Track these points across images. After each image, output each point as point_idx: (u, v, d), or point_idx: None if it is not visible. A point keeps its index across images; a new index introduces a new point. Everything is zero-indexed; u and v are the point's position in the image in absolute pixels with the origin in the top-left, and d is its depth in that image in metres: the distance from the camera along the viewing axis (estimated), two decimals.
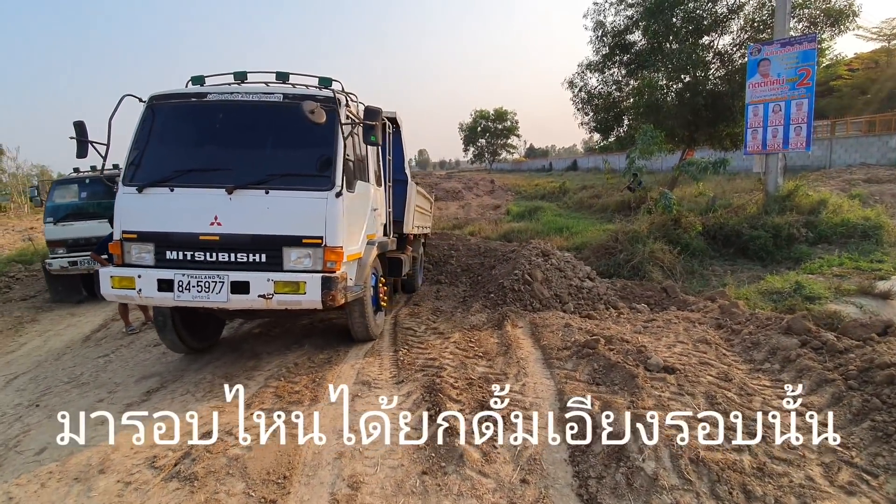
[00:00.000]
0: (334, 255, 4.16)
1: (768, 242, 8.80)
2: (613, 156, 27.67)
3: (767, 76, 9.32)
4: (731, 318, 5.10)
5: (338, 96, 4.39)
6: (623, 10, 15.64)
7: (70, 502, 2.65)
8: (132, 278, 4.01)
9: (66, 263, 8.74)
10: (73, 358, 5.70)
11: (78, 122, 4.29)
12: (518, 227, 15.09)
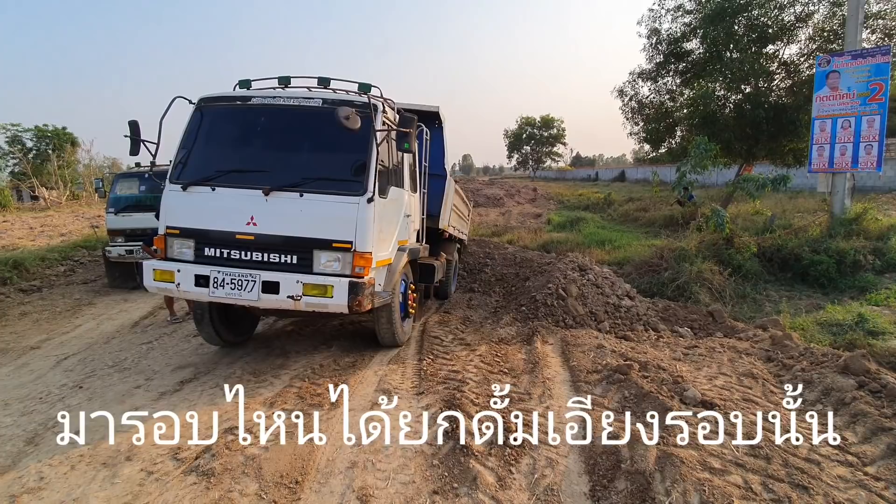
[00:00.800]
0: (363, 261, 4.17)
1: (831, 268, 8.14)
2: (664, 167, 26.64)
3: (836, 89, 8.65)
4: (783, 351, 4.71)
5: (373, 102, 4.41)
6: (680, 18, 15.03)
7: (95, 487, 2.75)
8: (172, 272, 4.18)
9: (124, 252, 9.30)
10: (120, 343, 6.02)
11: (132, 121, 4.53)
12: (558, 237, 14.76)
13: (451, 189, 7.01)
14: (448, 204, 6.95)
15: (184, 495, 2.62)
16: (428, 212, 6.35)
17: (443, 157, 6.81)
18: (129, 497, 2.64)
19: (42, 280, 10.46)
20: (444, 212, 6.81)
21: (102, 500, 2.63)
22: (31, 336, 6.54)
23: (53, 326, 7.08)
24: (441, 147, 6.74)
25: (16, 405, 4.13)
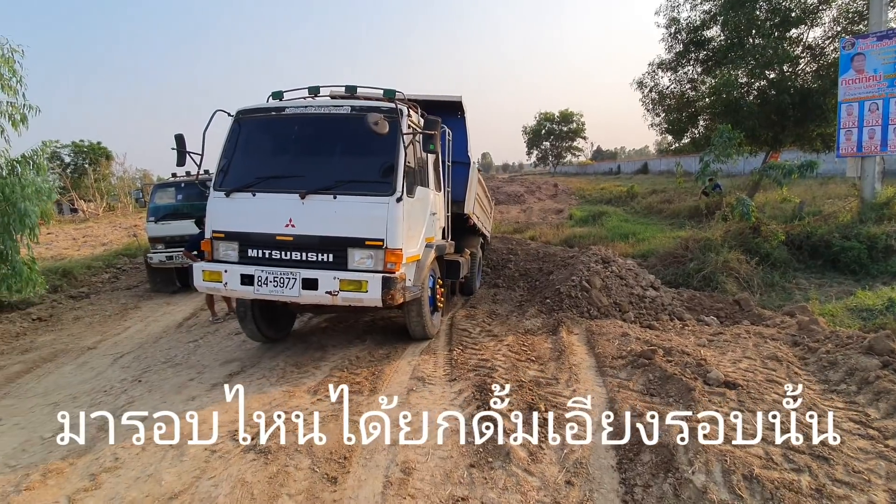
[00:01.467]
0: (394, 257, 4.42)
1: (862, 254, 8.01)
2: (688, 158, 26.16)
3: (862, 72, 8.49)
4: (809, 336, 4.75)
5: (400, 108, 4.66)
6: (699, 5, 14.83)
7: (166, 465, 3.07)
8: (219, 272, 4.52)
9: (164, 258, 9.82)
10: (169, 341, 6.45)
11: (178, 134, 4.90)
12: (581, 231, 14.76)
13: (475, 176, 7.23)
14: (472, 190, 7.18)
15: (245, 469, 2.91)
16: (453, 198, 6.58)
17: (466, 145, 7.05)
18: (197, 472, 2.95)
19: (89, 287, 11.12)
20: (468, 197, 7.06)
21: (174, 475, 2.94)
22: (87, 337, 7.04)
23: (105, 328, 7.59)
24: (464, 135, 6.98)
25: (84, 398, 4.54)
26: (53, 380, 5.21)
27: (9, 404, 4.50)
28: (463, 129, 6.94)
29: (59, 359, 6.01)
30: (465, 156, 7.00)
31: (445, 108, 6.69)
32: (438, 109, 6.73)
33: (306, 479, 2.81)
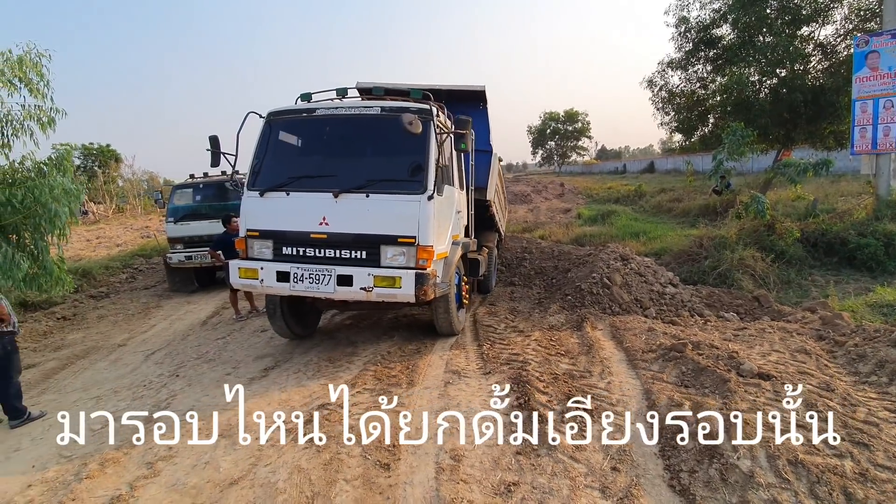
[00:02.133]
0: (426, 254, 4.51)
1: (879, 251, 8.04)
2: (696, 156, 26.15)
3: (877, 69, 8.52)
4: (834, 330, 4.82)
5: (432, 108, 4.75)
6: (709, 4, 14.87)
7: (220, 452, 3.18)
8: (256, 270, 4.62)
9: (184, 258, 9.94)
10: (197, 338, 6.57)
11: (212, 136, 5.01)
12: (590, 231, 14.80)
13: (496, 164, 7.41)
14: (493, 178, 7.35)
15: (299, 457, 3.01)
16: (476, 185, 6.72)
17: (488, 135, 7.23)
18: (252, 459, 3.05)
19: (108, 287, 11.28)
20: (490, 184, 7.22)
21: (230, 462, 3.05)
22: (115, 335, 7.17)
23: (131, 326, 7.73)
24: (486, 125, 7.16)
25: (125, 392, 4.66)
26: (90, 375, 5.34)
27: (51, 398, 4.62)
28: (485, 118, 7.11)
29: (92, 356, 6.14)
30: (487, 144, 7.19)
31: (468, 98, 6.89)
32: (461, 100, 6.97)
33: (360, 465, 2.91)
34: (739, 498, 2.46)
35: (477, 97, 6.93)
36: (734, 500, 2.46)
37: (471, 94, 6.85)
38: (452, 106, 7.30)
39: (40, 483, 3.06)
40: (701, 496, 2.52)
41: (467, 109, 6.82)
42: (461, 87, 6.83)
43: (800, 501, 2.39)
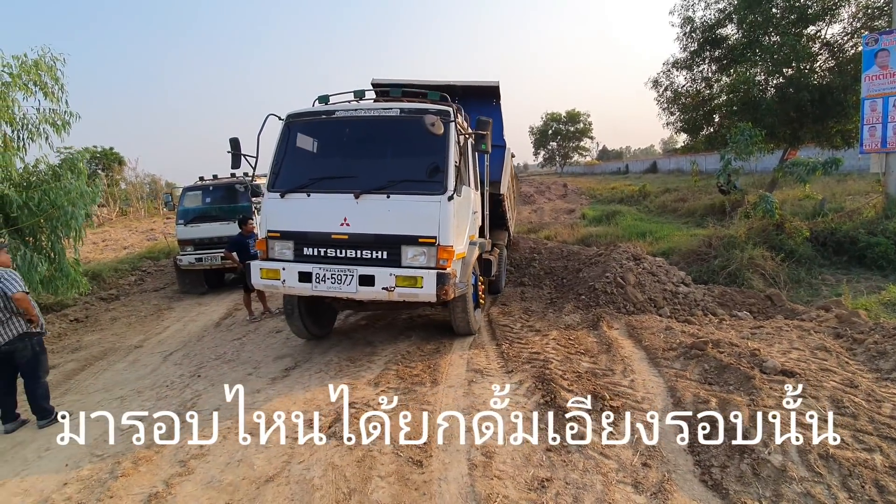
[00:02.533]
0: (446, 254, 4.55)
1: (890, 250, 8.06)
2: (700, 156, 26.17)
3: (886, 68, 8.55)
4: (852, 328, 4.84)
5: (451, 109, 4.79)
6: (714, 4, 14.91)
7: (252, 451, 3.21)
8: (278, 270, 4.66)
9: (194, 259, 9.99)
10: (213, 339, 6.61)
11: (233, 138, 5.06)
12: (596, 231, 14.83)
13: (509, 158, 7.50)
14: (507, 172, 7.43)
15: (332, 454, 3.05)
16: (490, 178, 6.79)
17: (502, 129, 7.33)
18: (286, 457, 3.09)
19: (118, 289, 11.34)
20: (503, 178, 7.30)
21: (263, 459, 3.08)
22: (131, 337, 7.22)
23: (146, 328, 7.77)
24: (500, 119, 7.26)
25: (148, 392, 4.69)
26: (110, 376, 5.38)
27: (75, 399, 4.67)
28: (499, 113, 7.21)
29: (109, 357, 6.19)
30: (500, 139, 7.27)
31: (483, 94, 7.03)
32: (476, 95, 7.12)
33: (392, 462, 2.94)
34: (773, 491, 2.49)
35: (491, 93, 7.05)
36: (768, 494, 2.49)
37: (486, 89, 6.97)
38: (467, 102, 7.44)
39: (76, 481, 3.10)
40: (734, 491, 2.55)
41: (482, 105, 6.94)
42: (476, 84, 6.97)
43: (833, 494, 2.42)
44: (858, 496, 2.40)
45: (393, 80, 7.66)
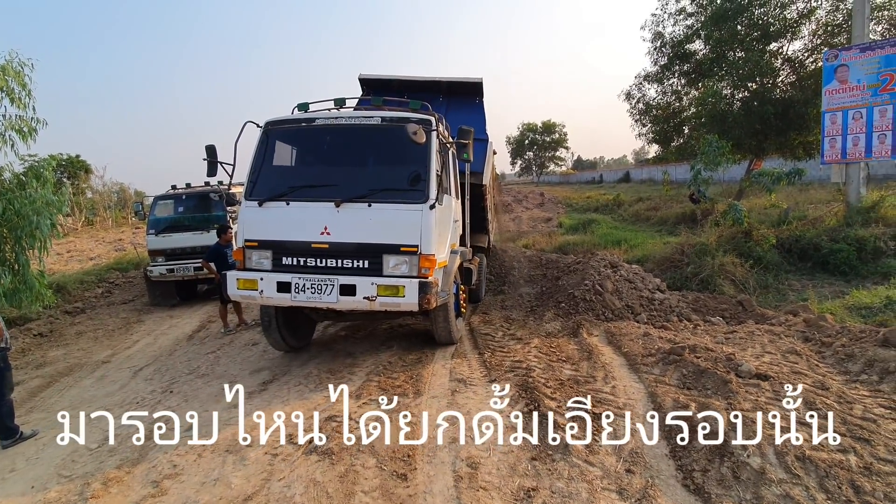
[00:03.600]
0: (428, 262, 4.53)
1: (852, 256, 8.42)
2: (671, 166, 26.96)
3: (846, 82, 9.00)
4: (820, 331, 5.02)
5: (433, 119, 4.81)
6: (682, 20, 15.49)
7: (229, 469, 3.10)
8: (255, 280, 4.55)
9: (165, 270, 9.69)
10: (185, 353, 6.39)
11: (209, 145, 4.95)
12: (573, 239, 15.06)
13: (491, 151, 7.71)
14: (489, 164, 7.58)
15: (313, 470, 2.96)
16: (472, 170, 6.88)
17: (484, 124, 7.58)
18: (264, 474, 2.99)
19: (83, 302, 10.89)
20: (486, 170, 7.40)
21: (241, 478, 2.98)
22: (98, 352, 6.93)
23: (114, 342, 7.47)
24: (482, 114, 7.60)
25: (117, 410, 4.48)
26: (77, 393, 5.15)
27: (40, 417, 4.44)
28: (482, 108, 7.54)
29: (76, 373, 5.92)
30: (483, 133, 7.44)
31: (467, 90, 7.43)
32: (461, 91, 7.51)
33: (376, 476, 2.88)
34: (753, 494, 2.54)
35: (475, 89, 7.39)
36: (748, 496, 2.54)
37: (470, 86, 7.34)
38: (452, 98, 7.60)
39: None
40: (716, 494, 2.59)
41: (466, 101, 7.34)
42: (461, 80, 7.32)
43: (811, 496, 2.48)
44: (835, 497, 2.47)
45: (380, 76, 7.77)
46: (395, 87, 7.83)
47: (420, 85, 7.87)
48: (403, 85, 7.84)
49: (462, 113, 7.35)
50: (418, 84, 7.88)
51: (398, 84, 7.86)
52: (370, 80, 7.90)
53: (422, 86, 7.85)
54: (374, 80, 7.89)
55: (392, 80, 7.88)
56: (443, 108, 7.44)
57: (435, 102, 7.44)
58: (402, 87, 7.80)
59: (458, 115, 7.11)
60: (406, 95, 7.69)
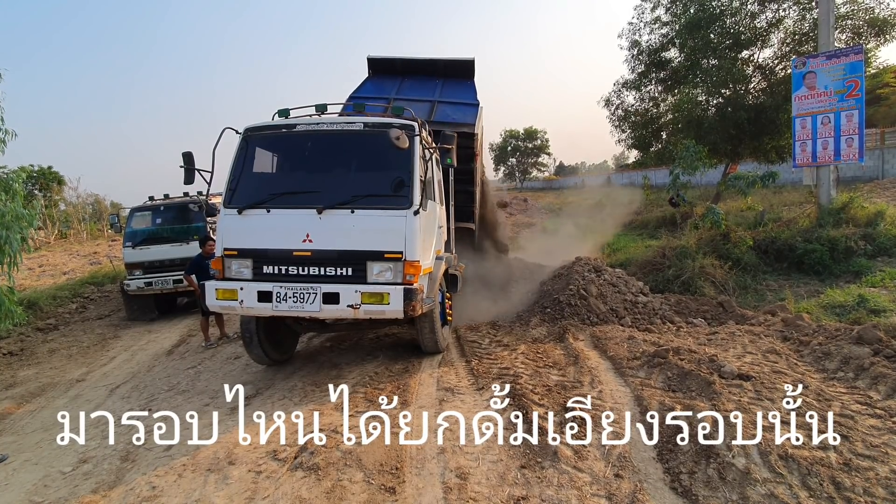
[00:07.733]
0: (413, 269, 4.50)
1: (825, 256, 8.66)
2: (650, 171, 27.48)
3: (814, 89, 9.32)
4: (797, 330, 5.14)
5: (416, 124, 4.81)
6: (658, 29, 15.85)
7: (211, 489, 3.01)
8: (235, 290, 4.45)
9: (143, 284, 9.45)
10: (165, 369, 6.22)
11: (186, 152, 4.85)
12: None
13: (481, 113, 7.96)
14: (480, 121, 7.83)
15: (299, 487, 2.89)
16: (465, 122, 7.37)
17: (475, 94, 8.07)
18: (248, 493, 2.90)
19: (56, 318, 10.57)
20: (477, 125, 7.63)
21: (224, 498, 2.89)
22: (72, 370, 6.69)
23: (88, 360, 7.24)
24: (474, 88, 8.15)
25: (92, 430, 4.32)
26: (49, 414, 4.94)
27: (11, 441, 4.25)
28: (473, 84, 8.20)
29: (49, 393, 5.70)
30: (474, 100, 7.93)
31: (461, 68, 8.12)
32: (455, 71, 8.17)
33: (364, 491, 2.82)
34: (739, 494, 2.57)
35: (468, 67, 8.12)
36: (734, 497, 2.56)
37: (463, 64, 8.09)
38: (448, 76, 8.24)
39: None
40: (703, 496, 2.61)
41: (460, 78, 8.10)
42: (455, 59, 8.11)
43: (795, 494, 2.52)
44: (818, 494, 2.51)
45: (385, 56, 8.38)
46: (399, 66, 8.41)
47: (420, 65, 8.46)
48: (405, 64, 8.42)
49: (457, 89, 8.04)
50: (418, 64, 8.46)
51: (401, 64, 8.42)
52: (376, 59, 8.43)
53: (422, 66, 8.46)
54: (379, 59, 8.44)
55: (395, 59, 8.43)
56: (439, 85, 8.13)
57: (432, 80, 8.17)
58: (405, 66, 8.40)
59: (454, 90, 7.96)
60: (407, 75, 8.28)
